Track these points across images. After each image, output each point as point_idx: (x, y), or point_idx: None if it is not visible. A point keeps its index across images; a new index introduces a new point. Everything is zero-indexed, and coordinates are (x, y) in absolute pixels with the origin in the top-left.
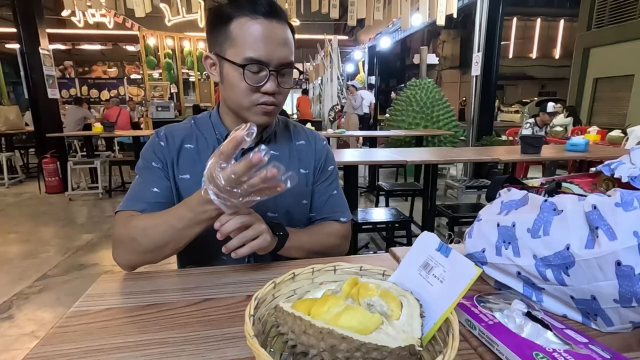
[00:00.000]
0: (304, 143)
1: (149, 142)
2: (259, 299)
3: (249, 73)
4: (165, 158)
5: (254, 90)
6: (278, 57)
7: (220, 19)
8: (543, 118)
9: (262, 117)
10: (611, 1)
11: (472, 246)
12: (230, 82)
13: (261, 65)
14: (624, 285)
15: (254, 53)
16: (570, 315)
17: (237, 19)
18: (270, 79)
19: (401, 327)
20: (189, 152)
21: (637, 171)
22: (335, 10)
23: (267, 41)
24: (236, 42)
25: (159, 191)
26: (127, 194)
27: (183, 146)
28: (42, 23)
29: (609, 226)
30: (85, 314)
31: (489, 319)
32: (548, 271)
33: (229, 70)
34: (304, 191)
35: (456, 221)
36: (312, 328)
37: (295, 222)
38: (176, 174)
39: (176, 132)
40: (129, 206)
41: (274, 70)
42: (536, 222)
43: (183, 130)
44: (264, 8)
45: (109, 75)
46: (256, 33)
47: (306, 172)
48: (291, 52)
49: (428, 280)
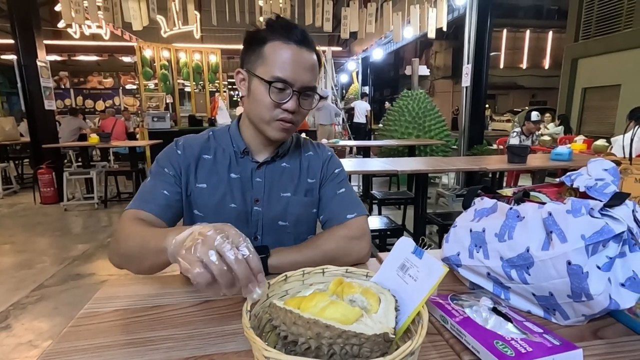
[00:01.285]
0: (311, 154)
1: (166, 150)
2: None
3: (275, 90)
4: (180, 166)
5: (276, 106)
6: (302, 80)
7: (256, 40)
8: (528, 127)
9: (280, 132)
10: (597, 14)
11: (449, 250)
12: (256, 96)
13: (286, 85)
14: (574, 282)
15: (282, 73)
16: (533, 311)
17: (271, 42)
18: (292, 98)
19: (378, 319)
20: (207, 163)
21: (592, 181)
22: (328, 24)
23: (295, 65)
24: (267, 61)
25: (169, 194)
26: (137, 195)
27: (201, 156)
28: (40, 35)
29: (561, 230)
30: (95, 315)
31: (459, 314)
32: (513, 271)
33: (256, 85)
34: (313, 200)
35: (446, 229)
36: (300, 319)
37: (305, 230)
38: (192, 182)
39: (194, 142)
40: (137, 205)
41: (296, 91)
42: (502, 227)
43: (201, 142)
44: (296, 36)
45: (104, 86)
46: (286, 56)
47: (313, 181)
48: (315, 78)
49: (404, 279)
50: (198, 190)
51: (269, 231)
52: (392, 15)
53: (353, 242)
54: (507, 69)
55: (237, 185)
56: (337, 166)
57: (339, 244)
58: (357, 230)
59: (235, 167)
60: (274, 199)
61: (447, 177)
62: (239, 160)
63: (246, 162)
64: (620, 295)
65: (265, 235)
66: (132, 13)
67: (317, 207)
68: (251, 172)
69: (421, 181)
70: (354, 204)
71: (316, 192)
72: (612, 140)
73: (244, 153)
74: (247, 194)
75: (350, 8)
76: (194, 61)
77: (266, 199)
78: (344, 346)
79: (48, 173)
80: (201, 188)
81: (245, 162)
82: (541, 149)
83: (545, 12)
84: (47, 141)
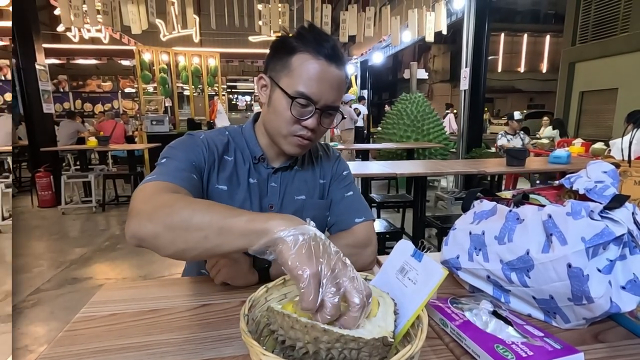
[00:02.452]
0: (321, 154)
1: (185, 140)
2: (253, 300)
3: (297, 105)
4: (205, 159)
5: (296, 122)
6: (327, 99)
7: (284, 48)
8: (512, 125)
9: (296, 148)
10: (594, 18)
11: (448, 253)
12: (277, 108)
13: (310, 102)
14: (575, 285)
15: (307, 89)
16: (534, 314)
17: (300, 54)
18: (314, 116)
19: (377, 323)
20: (229, 165)
21: (592, 184)
22: (327, 28)
23: (322, 82)
24: (293, 73)
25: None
26: (155, 171)
27: (224, 157)
28: (39, 39)
29: (561, 233)
30: (92, 318)
31: (459, 317)
32: (512, 274)
33: (278, 97)
34: (327, 202)
35: (445, 232)
36: (298, 324)
37: None
38: (213, 181)
39: (217, 140)
40: (164, 178)
41: (319, 109)
42: (502, 230)
43: (223, 141)
44: (327, 51)
45: (103, 89)
46: (313, 71)
47: (324, 182)
48: (340, 97)
49: (403, 282)
50: (217, 191)
51: None
52: (390, 19)
53: (359, 250)
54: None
55: (255, 191)
56: (345, 168)
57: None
58: (364, 237)
59: (253, 173)
60: (288, 203)
61: (445, 180)
62: (255, 165)
63: (261, 168)
64: (621, 298)
65: None
66: (131, 17)
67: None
68: (267, 177)
69: (420, 184)
70: (361, 208)
71: (326, 193)
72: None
73: (259, 159)
74: (263, 200)
75: (348, 12)
76: (192, 64)
77: (280, 204)
78: (342, 350)
79: (46, 176)
80: (221, 190)
81: (260, 167)
82: (539, 152)
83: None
84: (46, 144)
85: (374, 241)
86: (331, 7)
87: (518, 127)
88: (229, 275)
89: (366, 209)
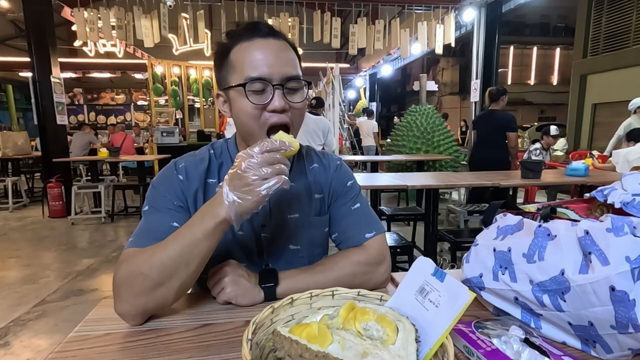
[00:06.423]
0: (316, 166)
1: (165, 174)
2: (257, 323)
3: (253, 92)
4: (185, 195)
5: (261, 109)
6: (280, 71)
7: (221, 54)
8: (548, 141)
9: None
10: (605, 30)
11: (470, 271)
12: (238, 108)
13: (264, 82)
14: (619, 311)
15: (254, 71)
16: (569, 342)
17: (236, 47)
18: (275, 95)
19: (396, 352)
20: (213, 188)
21: (629, 197)
22: (336, 40)
23: (265, 56)
24: (237, 67)
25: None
26: (138, 231)
27: (207, 181)
28: (55, 53)
29: (602, 251)
30: (85, 338)
31: (486, 345)
32: (545, 297)
33: (234, 97)
34: (324, 219)
35: (458, 246)
36: (308, 352)
37: (319, 252)
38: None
39: (198, 166)
40: (142, 243)
41: (278, 85)
42: (531, 247)
43: (204, 165)
44: (260, 31)
45: (116, 102)
46: (253, 51)
47: (321, 197)
48: (294, 66)
49: (424, 305)
50: None
51: (280, 257)
52: (399, 31)
53: (372, 268)
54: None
55: None
56: (349, 178)
57: (356, 270)
58: (377, 254)
59: None
60: (281, 222)
61: (457, 192)
62: None
63: None
64: None
65: (277, 261)
66: (145, 31)
67: (328, 227)
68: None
69: (432, 196)
70: (371, 221)
71: (325, 208)
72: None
73: None
74: (254, 220)
75: (358, 25)
76: (203, 77)
77: (273, 224)
78: None
79: (57, 187)
80: None
81: None
82: (553, 164)
83: (552, 29)
84: (58, 155)
85: (387, 257)
86: (340, 20)
87: (554, 143)
88: (232, 294)
89: (376, 221)
